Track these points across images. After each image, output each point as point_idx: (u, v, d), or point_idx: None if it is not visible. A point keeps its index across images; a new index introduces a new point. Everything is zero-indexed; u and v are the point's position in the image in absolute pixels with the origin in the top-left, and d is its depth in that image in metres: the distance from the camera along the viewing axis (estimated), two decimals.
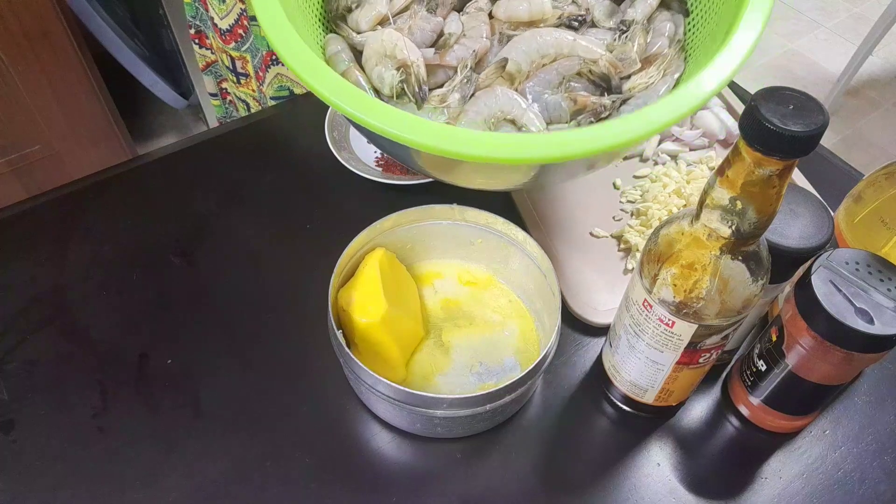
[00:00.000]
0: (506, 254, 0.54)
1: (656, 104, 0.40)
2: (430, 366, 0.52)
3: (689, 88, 0.41)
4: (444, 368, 0.52)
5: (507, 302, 0.55)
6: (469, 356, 0.52)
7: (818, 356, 0.42)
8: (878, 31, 1.75)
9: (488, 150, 0.38)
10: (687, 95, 0.40)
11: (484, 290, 0.56)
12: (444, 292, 0.56)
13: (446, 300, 0.56)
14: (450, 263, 0.57)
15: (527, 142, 0.40)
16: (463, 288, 0.56)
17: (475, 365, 0.52)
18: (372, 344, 0.48)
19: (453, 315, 0.55)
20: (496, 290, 0.56)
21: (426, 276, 0.57)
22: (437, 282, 0.57)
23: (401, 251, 0.55)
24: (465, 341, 0.53)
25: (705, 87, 0.41)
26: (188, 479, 0.47)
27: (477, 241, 0.55)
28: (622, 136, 0.39)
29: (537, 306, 0.54)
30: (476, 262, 0.57)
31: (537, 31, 0.50)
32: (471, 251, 0.56)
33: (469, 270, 0.57)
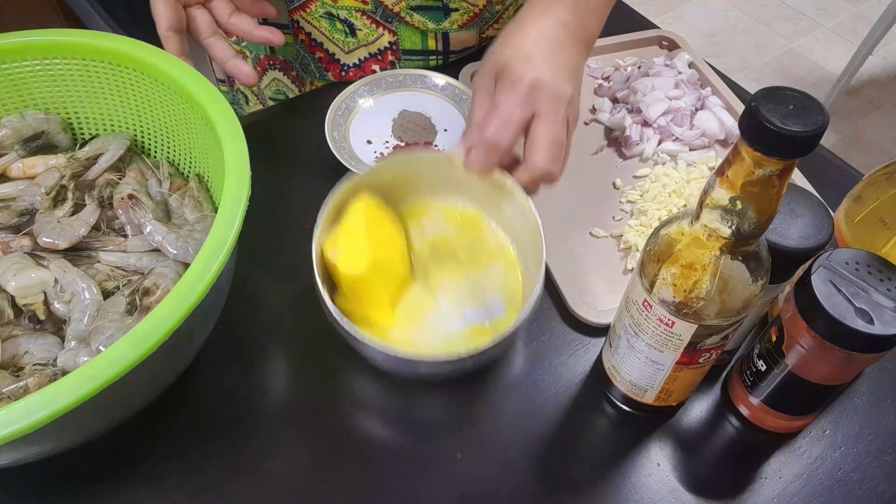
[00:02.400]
0: (496, 195, 0.53)
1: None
2: (417, 308, 0.51)
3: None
4: (431, 309, 0.51)
5: (494, 243, 0.54)
6: (456, 296, 0.52)
7: (818, 356, 0.42)
8: (878, 31, 1.75)
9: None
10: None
11: (471, 229, 0.55)
12: (431, 231, 0.55)
13: (433, 239, 0.54)
14: (437, 201, 0.56)
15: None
16: (450, 227, 0.55)
17: (462, 305, 0.51)
18: (360, 294, 0.48)
19: (440, 255, 0.54)
20: (484, 229, 0.55)
21: (412, 214, 0.55)
22: (424, 219, 0.55)
23: (388, 190, 0.53)
24: (452, 281, 0.52)
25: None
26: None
27: (466, 179, 0.52)
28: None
29: (524, 249, 0.53)
30: (464, 199, 0.55)
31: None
32: (460, 188, 0.54)
33: (456, 208, 0.55)
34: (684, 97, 0.70)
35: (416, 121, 0.69)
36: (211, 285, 0.41)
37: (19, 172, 0.56)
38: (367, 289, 0.48)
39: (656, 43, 0.81)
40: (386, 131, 0.69)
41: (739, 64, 2.15)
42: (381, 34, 0.73)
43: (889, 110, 2.02)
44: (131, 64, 0.55)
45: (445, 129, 0.69)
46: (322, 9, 0.71)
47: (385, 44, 0.73)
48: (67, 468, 0.48)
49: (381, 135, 0.69)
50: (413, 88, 0.72)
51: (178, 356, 0.47)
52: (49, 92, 0.57)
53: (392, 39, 0.73)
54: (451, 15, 0.72)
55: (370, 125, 0.69)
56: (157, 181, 0.57)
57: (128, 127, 0.60)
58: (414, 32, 0.73)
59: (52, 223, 0.52)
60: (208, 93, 0.51)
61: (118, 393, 0.38)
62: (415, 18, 0.71)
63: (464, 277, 0.53)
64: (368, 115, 0.70)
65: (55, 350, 0.47)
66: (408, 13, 0.71)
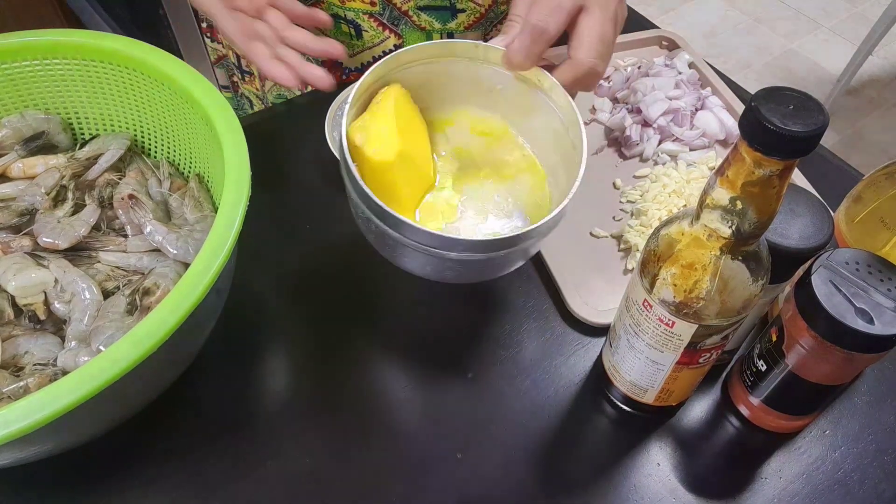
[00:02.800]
0: (527, 105, 0.50)
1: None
2: (437, 214, 0.50)
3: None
4: (450, 218, 0.50)
5: (520, 156, 0.52)
6: (477, 208, 0.50)
7: (818, 356, 0.42)
8: (878, 31, 1.75)
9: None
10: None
11: (497, 140, 0.53)
12: (456, 141, 0.53)
13: (458, 149, 0.53)
14: (463, 111, 0.54)
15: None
16: (475, 138, 0.53)
17: (483, 217, 0.50)
18: (382, 184, 0.46)
19: (464, 164, 0.52)
20: (510, 143, 0.53)
21: (438, 123, 0.54)
22: (449, 129, 0.53)
23: (415, 93, 0.51)
24: (475, 192, 0.51)
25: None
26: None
27: (497, 87, 0.51)
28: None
29: (552, 161, 0.51)
30: (492, 112, 0.53)
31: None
32: (488, 99, 0.52)
33: (483, 120, 0.53)
34: (684, 97, 0.70)
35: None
36: (211, 285, 0.41)
37: (19, 172, 0.56)
38: (391, 180, 0.46)
39: (656, 43, 0.81)
40: None
41: (739, 64, 2.15)
42: (387, 37, 0.73)
43: (889, 110, 2.02)
44: (131, 64, 0.55)
45: None
46: (328, 11, 0.71)
47: (390, 46, 0.74)
48: (67, 468, 0.48)
49: None
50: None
51: (178, 356, 0.47)
52: (49, 92, 0.57)
53: (397, 42, 0.73)
54: (458, 16, 0.72)
55: None
56: (157, 181, 0.57)
57: (128, 127, 0.60)
58: (419, 36, 0.73)
59: (53, 223, 0.52)
60: (208, 93, 0.51)
61: (119, 393, 0.38)
62: (422, 18, 0.72)
63: (487, 188, 0.51)
64: None
65: (55, 350, 0.47)
66: (416, 13, 0.71)
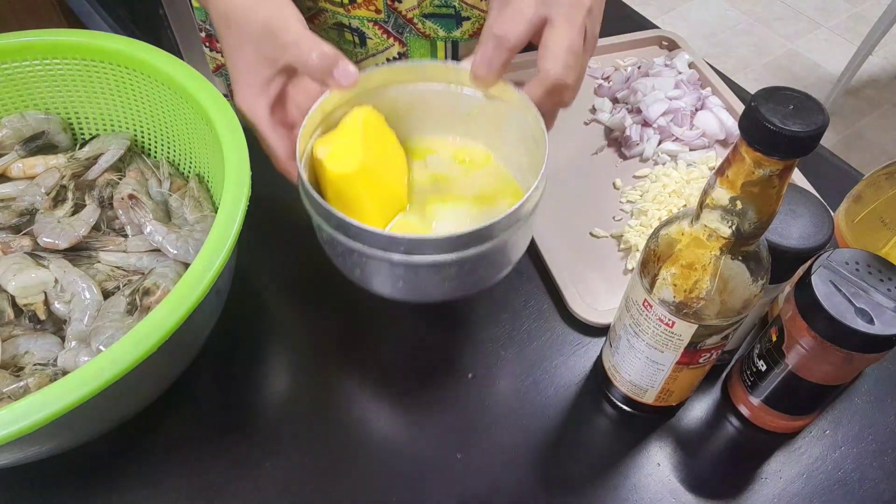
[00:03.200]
0: (502, 125, 0.49)
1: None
2: (407, 231, 0.48)
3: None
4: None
5: (501, 181, 0.51)
6: (450, 230, 0.48)
7: (818, 356, 0.42)
8: (878, 31, 1.75)
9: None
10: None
11: (479, 168, 0.52)
12: (436, 167, 0.52)
13: (437, 175, 0.52)
14: (444, 139, 0.53)
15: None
16: (456, 165, 0.52)
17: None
18: (346, 199, 0.45)
19: (441, 189, 0.51)
20: (491, 169, 0.52)
21: (419, 151, 0.53)
22: (430, 157, 0.52)
23: (393, 121, 0.50)
24: (450, 215, 0.49)
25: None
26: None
27: (474, 110, 0.50)
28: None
29: (531, 182, 0.47)
30: (473, 139, 0.52)
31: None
32: (468, 124, 0.51)
33: (465, 148, 0.53)
34: (684, 97, 0.70)
35: None
36: (211, 285, 0.41)
37: (19, 172, 0.56)
38: (354, 192, 0.45)
39: (656, 43, 0.81)
40: None
41: (739, 64, 2.15)
42: (392, 44, 0.73)
43: (889, 110, 2.02)
44: (131, 64, 0.55)
45: None
46: (332, 20, 0.71)
47: (394, 54, 0.74)
48: (67, 468, 0.48)
49: None
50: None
51: (178, 356, 0.47)
52: (49, 92, 0.57)
53: (401, 50, 0.73)
54: (462, 24, 0.72)
55: None
56: (157, 181, 0.57)
57: (128, 127, 0.60)
58: (423, 44, 0.73)
59: (53, 223, 0.52)
60: (208, 93, 0.51)
61: (118, 393, 0.38)
62: (426, 25, 0.72)
63: (465, 211, 0.49)
64: None
65: (55, 350, 0.47)
66: (420, 20, 0.71)
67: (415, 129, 0.53)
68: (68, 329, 0.48)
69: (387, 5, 0.69)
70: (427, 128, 0.53)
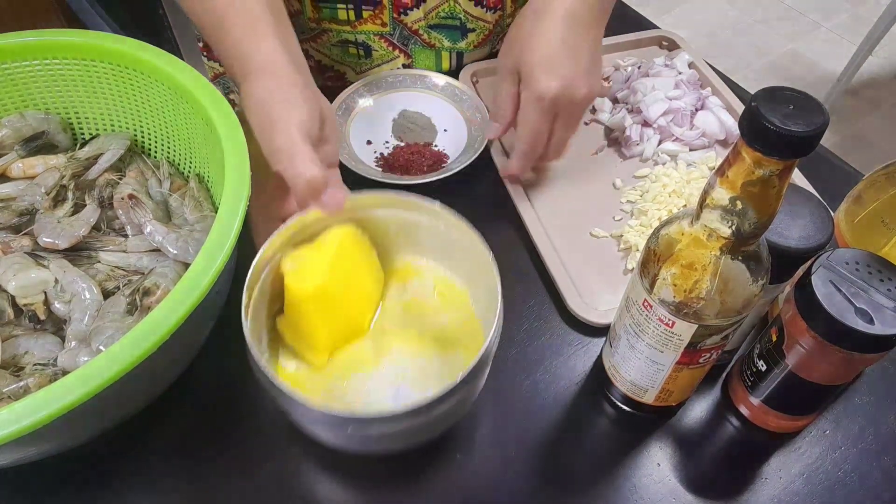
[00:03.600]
0: (476, 268, 0.48)
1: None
2: (355, 362, 0.47)
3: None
4: (367, 369, 0.47)
5: (467, 329, 0.49)
6: (399, 369, 0.47)
7: (818, 356, 0.42)
8: (878, 31, 1.75)
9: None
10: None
11: (452, 306, 0.50)
12: (413, 294, 0.51)
13: (410, 303, 0.51)
14: (433, 267, 0.52)
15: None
16: (434, 297, 0.51)
17: (399, 380, 0.46)
18: (298, 317, 0.45)
19: (408, 321, 0.49)
20: (463, 312, 0.50)
21: (403, 272, 0.52)
22: (413, 280, 0.51)
23: (382, 237, 0.50)
24: (405, 353, 0.48)
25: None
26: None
27: (457, 250, 0.49)
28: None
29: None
30: (456, 274, 0.51)
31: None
32: (452, 259, 0.50)
33: (446, 280, 0.51)
34: (684, 97, 0.70)
35: (417, 121, 0.69)
36: (211, 285, 0.41)
37: (19, 172, 0.56)
38: (308, 314, 0.45)
39: (656, 43, 0.81)
40: (386, 131, 0.69)
41: (739, 64, 2.15)
42: (397, 56, 0.73)
43: (889, 110, 2.01)
44: (131, 64, 0.55)
45: (445, 129, 0.69)
46: (335, 38, 0.71)
47: (399, 65, 0.74)
48: (67, 468, 0.48)
49: (381, 135, 0.69)
50: (413, 88, 0.72)
51: (177, 356, 0.47)
52: (49, 92, 0.57)
53: (406, 62, 0.73)
54: (468, 35, 0.72)
55: (370, 125, 0.69)
56: (157, 181, 0.57)
57: (128, 127, 0.60)
58: (428, 54, 0.73)
59: (53, 223, 0.52)
60: (208, 93, 0.51)
61: (118, 393, 0.38)
62: (432, 36, 0.72)
63: (418, 354, 0.48)
64: (368, 115, 0.70)
65: (55, 350, 0.47)
66: (426, 31, 0.71)
67: (403, 250, 0.52)
68: (68, 329, 0.48)
69: (393, 18, 0.69)
70: (415, 251, 0.52)
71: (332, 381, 0.46)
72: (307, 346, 0.46)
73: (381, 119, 0.70)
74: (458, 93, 0.71)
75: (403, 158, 0.66)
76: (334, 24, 0.70)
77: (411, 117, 0.69)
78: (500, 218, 0.64)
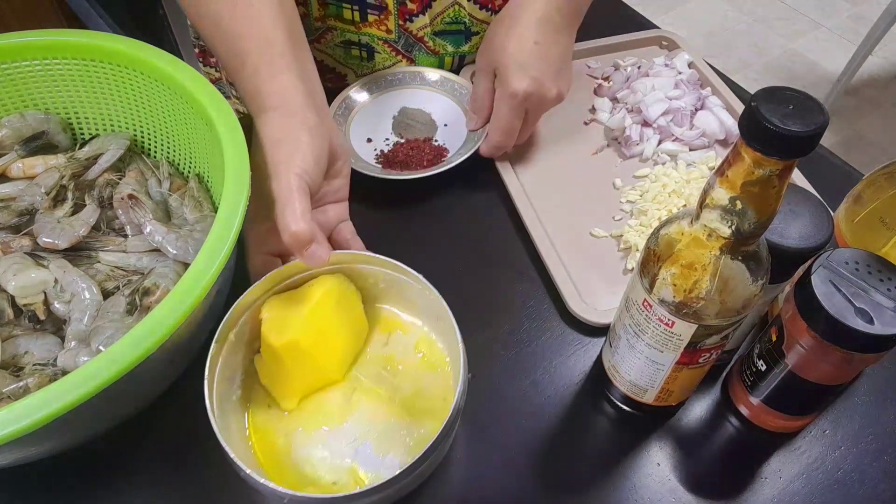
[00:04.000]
0: (452, 343, 0.47)
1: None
2: (322, 413, 0.47)
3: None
4: (333, 423, 0.47)
5: (439, 397, 0.48)
6: (364, 428, 0.47)
7: (818, 356, 0.42)
8: (878, 31, 1.75)
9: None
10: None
11: (429, 370, 0.49)
12: (393, 349, 0.50)
13: (388, 358, 0.50)
14: (417, 323, 0.51)
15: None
16: (413, 355, 0.50)
17: (361, 440, 0.46)
18: (272, 363, 0.46)
19: (382, 377, 0.49)
20: (439, 377, 0.49)
21: (389, 323, 0.52)
22: (397, 334, 0.51)
23: (372, 288, 0.51)
24: (374, 411, 0.47)
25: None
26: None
27: (441, 321, 0.48)
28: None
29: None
30: (441, 337, 0.50)
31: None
32: (438, 321, 0.49)
33: (430, 341, 0.50)
34: (684, 97, 0.70)
35: (417, 117, 0.69)
36: (211, 285, 0.41)
37: (19, 172, 0.56)
38: (278, 361, 0.45)
39: (656, 43, 0.81)
40: (386, 129, 0.69)
41: (739, 64, 2.15)
42: (399, 60, 0.73)
43: (889, 110, 2.02)
44: (131, 64, 0.55)
45: (445, 123, 0.69)
46: (339, 38, 0.71)
47: (400, 69, 0.74)
48: (67, 468, 0.48)
49: (381, 132, 0.69)
50: (412, 85, 0.72)
51: (178, 356, 0.47)
52: (49, 92, 0.57)
53: (409, 67, 0.73)
54: (472, 39, 0.73)
55: (370, 123, 0.69)
56: (157, 181, 0.57)
57: (128, 127, 0.60)
58: (432, 60, 0.73)
59: (52, 223, 0.52)
60: (208, 93, 0.51)
61: (118, 393, 0.38)
62: (436, 42, 0.72)
63: (386, 415, 0.47)
64: (368, 113, 0.70)
65: (55, 350, 0.47)
66: (431, 38, 0.71)
67: (391, 302, 0.52)
68: (68, 329, 0.48)
69: (398, 25, 0.70)
70: (402, 305, 0.52)
71: (298, 427, 0.47)
72: (278, 391, 0.47)
73: (381, 117, 0.70)
74: (456, 87, 0.71)
75: (403, 154, 0.66)
76: (339, 22, 0.70)
77: (411, 114, 0.70)
78: (500, 217, 0.64)
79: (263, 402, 0.48)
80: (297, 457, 0.45)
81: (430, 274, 0.47)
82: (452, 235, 0.63)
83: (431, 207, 0.65)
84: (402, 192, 0.65)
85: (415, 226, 0.64)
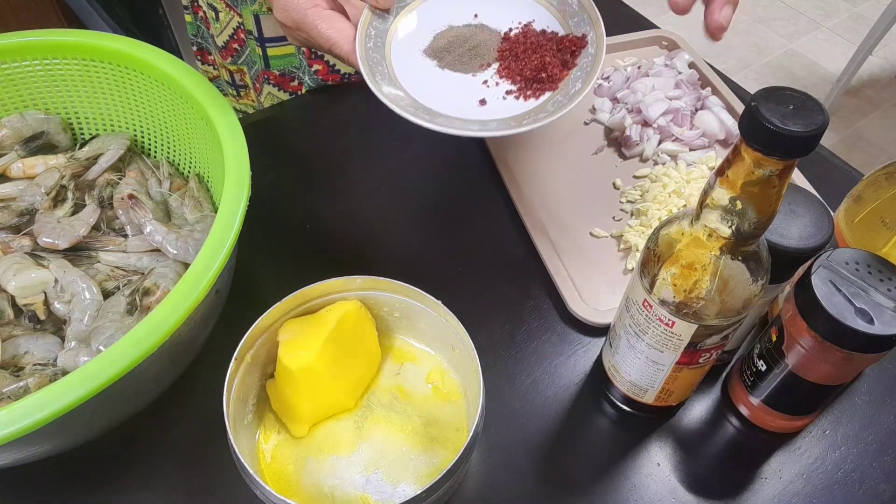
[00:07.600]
0: (469, 372, 0.46)
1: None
2: (333, 440, 0.47)
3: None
4: (344, 451, 0.47)
5: (454, 426, 0.48)
6: (374, 456, 0.46)
7: (818, 356, 0.42)
8: (878, 31, 1.75)
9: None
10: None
11: (443, 400, 0.49)
12: (406, 380, 0.50)
13: (399, 389, 0.50)
14: (430, 353, 0.51)
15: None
16: (425, 386, 0.50)
17: (372, 469, 0.46)
18: (285, 387, 0.46)
19: (395, 406, 0.49)
20: (454, 408, 0.49)
21: (401, 353, 0.51)
22: (407, 366, 0.51)
23: (387, 316, 0.51)
24: (386, 440, 0.47)
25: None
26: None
27: (457, 350, 0.48)
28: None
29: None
30: (455, 370, 0.50)
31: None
32: (454, 354, 0.49)
33: (444, 372, 0.50)
34: (684, 97, 0.70)
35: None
36: (211, 285, 0.41)
37: (19, 172, 0.56)
38: (292, 386, 0.45)
39: (656, 43, 0.81)
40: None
41: (739, 64, 2.15)
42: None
43: (889, 110, 2.02)
44: (131, 64, 0.55)
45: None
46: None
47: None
48: (67, 468, 0.48)
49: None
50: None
51: (178, 356, 0.47)
52: (49, 92, 0.57)
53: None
54: None
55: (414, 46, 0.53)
56: (157, 181, 0.57)
57: (128, 127, 0.60)
58: None
59: (52, 223, 0.52)
60: (208, 93, 0.51)
61: (118, 393, 0.38)
62: None
63: (398, 444, 0.47)
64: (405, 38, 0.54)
65: (55, 350, 0.47)
66: None
67: (406, 332, 0.51)
68: (68, 329, 0.48)
69: None
70: (416, 335, 0.51)
71: (309, 454, 0.47)
72: (290, 416, 0.47)
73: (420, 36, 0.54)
74: None
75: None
76: None
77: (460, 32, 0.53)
78: (500, 217, 0.64)
79: (274, 427, 0.48)
80: (308, 484, 0.45)
81: (431, 274, 0.47)
82: (452, 235, 0.63)
83: (431, 207, 0.65)
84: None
85: (414, 225, 0.64)
